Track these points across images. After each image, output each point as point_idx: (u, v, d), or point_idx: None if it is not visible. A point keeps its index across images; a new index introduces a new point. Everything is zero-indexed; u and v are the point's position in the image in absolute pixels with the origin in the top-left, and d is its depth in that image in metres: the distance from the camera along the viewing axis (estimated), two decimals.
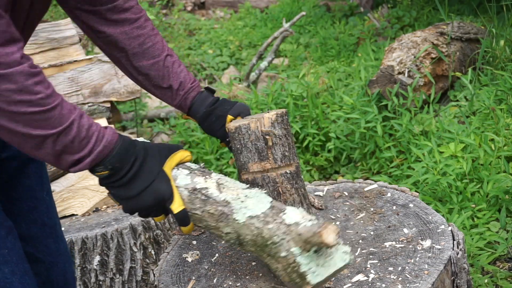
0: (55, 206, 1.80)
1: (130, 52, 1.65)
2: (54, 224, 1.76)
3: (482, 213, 2.61)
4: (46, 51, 3.10)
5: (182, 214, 1.38)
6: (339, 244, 1.33)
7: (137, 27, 1.65)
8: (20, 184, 1.66)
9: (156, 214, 1.39)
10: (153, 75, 1.67)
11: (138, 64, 1.66)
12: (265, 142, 1.52)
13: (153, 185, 1.35)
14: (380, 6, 6.60)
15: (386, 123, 3.45)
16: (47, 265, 1.73)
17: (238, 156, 1.54)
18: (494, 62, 3.66)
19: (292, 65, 5.78)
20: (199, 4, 8.84)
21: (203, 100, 1.70)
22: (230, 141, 1.56)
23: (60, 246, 1.77)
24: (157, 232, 2.49)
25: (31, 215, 1.69)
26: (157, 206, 1.36)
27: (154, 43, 1.67)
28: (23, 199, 1.67)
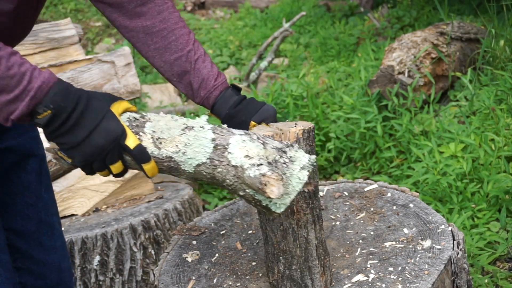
0: (55, 203, 1.79)
1: (152, 47, 1.63)
2: (52, 222, 1.75)
3: (482, 213, 2.60)
4: (46, 51, 3.09)
5: (140, 149, 1.31)
6: (287, 175, 1.28)
7: (160, 21, 1.62)
8: (18, 178, 1.66)
9: (112, 158, 1.30)
10: (176, 70, 1.64)
11: (163, 59, 1.64)
12: None
13: (102, 123, 1.27)
14: (380, 6, 6.60)
15: (386, 123, 3.45)
16: (40, 262, 1.72)
17: None
18: (494, 62, 3.66)
19: (292, 65, 5.78)
20: (199, 4, 8.84)
21: (227, 100, 1.64)
22: None
23: (56, 244, 1.76)
24: (157, 232, 2.49)
25: (27, 211, 1.68)
26: (111, 146, 1.28)
27: (177, 37, 1.63)
28: (20, 194, 1.67)
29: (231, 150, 1.31)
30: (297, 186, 1.29)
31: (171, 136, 1.35)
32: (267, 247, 1.52)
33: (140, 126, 1.35)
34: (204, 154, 1.32)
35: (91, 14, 7.90)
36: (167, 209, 2.54)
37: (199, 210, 2.78)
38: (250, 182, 1.27)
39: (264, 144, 1.32)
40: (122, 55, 3.14)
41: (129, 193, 2.73)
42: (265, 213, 1.37)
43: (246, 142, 1.32)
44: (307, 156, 1.32)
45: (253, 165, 1.28)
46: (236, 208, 1.95)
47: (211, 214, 1.95)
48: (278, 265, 1.50)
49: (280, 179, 1.26)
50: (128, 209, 2.61)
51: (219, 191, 3.62)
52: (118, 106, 1.33)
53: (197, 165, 1.32)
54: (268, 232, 1.49)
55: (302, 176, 1.30)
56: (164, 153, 1.33)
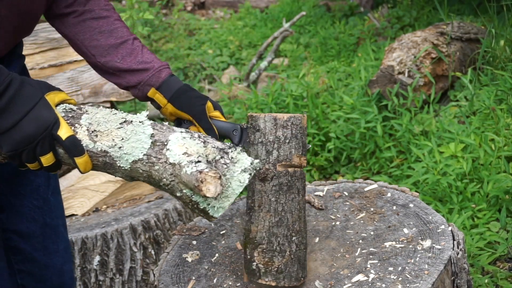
0: (61, 206, 1.78)
1: (97, 30, 1.57)
2: (57, 225, 1.75)
3: (482, 213, 2.60)
4: (46, 51, 3.09)
5: (72, 140, 1.24)
6: (227, 176, 1.24)
7: (106, 10, 1.60)
8: (27, 181, 1.66)
9: (43, 149, 1.23)
10: (121, 52, 1.57)
11: (108, 41, 1.57)
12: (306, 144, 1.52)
13: (34, 110, 1.20)
14: (380, 6, 6.60)
15: (386, 123, 3.45)
16: (42, 264, 1.72)
17: (283, 145, 1.47)
18: (494, 62, 3.66)
19: (292, 65, 5.78)
20: (199, 4, 8.84)
21: (178, 80, 1.60)
22: (250, 129, 1.48)
23: (59, 247, 1.76)
24: (157, 232, 2.49)
25: (33, 213, 1.68)
26: (41, 135, 1.22)
27: (121, 26, 1.60)
28: (28, 197, 1.66)
29: (170, 147, 1.25)
30: (237, 189, 1.25)
31: (108, 129, 1.28)
32: (278, 229, 1.49)
33: (76, 117, 1.29)
34: (141, 150, 1.26)
35: None
36: (167, 209, 2.54)
37: None
38: (187, 180, 1.21)
39: (205, 143, 1.27)
40: None
41: (129, 193, 2.73)
42: (202, 217, 1.32)
43: (186, 139, 1.26)
44: (249, 159, 1.27)
45: (191, 162, 1.22)
46: (236, 208, 1.95)
47: None
48: (291, 246, 1.50)
49: (218, 178, 1.20)
50: (128, 209, 2.61)
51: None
52: (55, 96, 1.28)
53: (133, 161, 1.26)
54: (285, 214, 1.49)
55: (243, 179, 1.25)
56: (99, 147, 1.27)
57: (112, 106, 3.18)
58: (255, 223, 1.50)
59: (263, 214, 1.49)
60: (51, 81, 3.04)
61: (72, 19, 1.57)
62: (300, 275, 1.51)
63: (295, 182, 1.49)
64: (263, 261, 1.50)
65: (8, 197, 1.63)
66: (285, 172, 1.48)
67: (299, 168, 1.50)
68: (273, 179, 1.47)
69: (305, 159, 1.50)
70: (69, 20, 1.57)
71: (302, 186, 1.51)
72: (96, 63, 1.58)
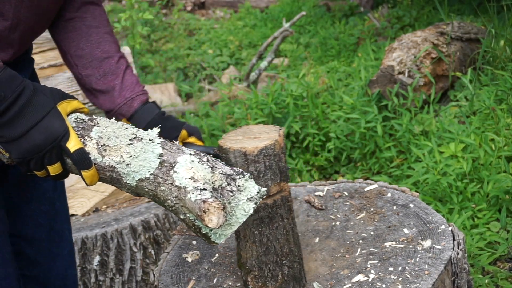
0: (67, 211, 1.77)
1: (84, 39, 1.54)
2: (62, 229, 1.73)
3: (483, 213, 2.60)
4: (46, 51, 3.09)
5: (80, 154, 1.23)
6: (232, 204, 1.22)
7: (99, 21, 1.56)
8: (35, 185, 1.64)
9: (50, 159, 1.23)
10: (104, 68, 1.53)
11: (93, 53, 1.53)
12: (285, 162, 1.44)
13: (44, 121, 1.20)
14: (380, 6, 6.60)
15: (386, 123, 3.45)
16: (46, 268, 1.71)
17: (257, 180, 1.40)
18: (494, 62, 3.66)
19: (292, 65, 5.78)
20: (199, 4, 8.84)
21: (152, 108, 1.56)
22: (229, 161, 1.41)
23: (63, 252, 1.74)
24: (157, 232, 2.49)
25: (39, 218, 1.66)
26: (50, 145, 1.21)
27: (112, 41, 1.56)
28: (35, 201, 1.65)
29: (177, 169, 1.23)
30: (240, 218, 1.23)
31: (118, 145, 1.27)
32: (266, 258, 1.46)
33: (87, 129, 1.29)
34: (148, 169, 1.25)
35: None
36: None
37: None
38: (190, 207, 1.20)
39: (213, 168, 1.25)
40: None
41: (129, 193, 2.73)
42: (203, 240, 1.31)
43: (195, 163, 1.24)
44: (257, 187, 1.25)
45: (197, 188, 1.20)
46: None
47: None
48: (283, 269, 1.48)
49: (222, 208, 1.18)
50: (128, 209, 2.61)
51: None
52: (67, 105, 1.27)
53: (139, 179, 1.26)
54: (272, 243, 1.45)
55: (247, 208, 1.23)
56: (107, 162, 1.26)
57: None
58: (243, 251, 1.48)
59: (249, 244, 1.46)
60: (51, 81, 3.04)
61: (63, 22, 1.53)
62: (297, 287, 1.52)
63: (277, 211, 1.44)
64: (258, 286, 1.49)
65: (16, 202, 1.61)
66: (264, 205, 1.42)
67: (280, 194, 1.44)
68: (252, 214, 1.36)
69: (285, 183, 1.44)
70: (60, 23, 1.54)
71: (286, 209, 1.46)
72: (77, 74, 1.55)
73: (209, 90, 5.57)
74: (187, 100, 5.69)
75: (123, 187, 1.29)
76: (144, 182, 1.26)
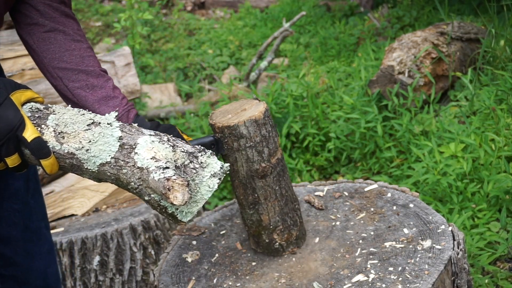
0: (43, 208, 1.74)
1: (76, 53, 1.50)
2: (38, 228, 1.70)
3: (483, 213, 2.60)
4: None
5: (38, 142, 1.21)
6: (196, 181, 1.23)
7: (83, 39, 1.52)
8: (6, 184, 1.62)
9: (8, 151, 1.21)
10: (91, 82, 1.49)
11: (85, 63, 1.50)
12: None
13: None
14: (380, 6, 6.60)
15: (386, 123, 3.44)
16: (24, 268, 1.68)
17: (269, 140, 1.55)
18: (494, 62, 3.66)
19: (292, 65, 5.78)
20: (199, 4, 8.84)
21: (143, 121, 1.53)
22: (228, 138, 1.50)
23: (42, 250, 1.71)
24: (157, 232, 2.48)
25: (13, 217, 1.64)
26: (6, 136, 1.19)
27: (90, 55, 1.51)
28: (7, 200, 1.62)
29: (138, 150, 1.24)
30: (206, 195, 1.24)
31: (75, 131, 1.26)
32: (287, 208, 1.62)
33: (43, 118, 1.27)
34: (109, 153, 1.24)
35: (91, 14, 7.89)
36: None
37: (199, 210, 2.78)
38: (154, 186, 1.20)
39: (174, 147, 1.26)
40: (122, 55, 3.13)
41: (129, 193, 2.73)
42: (171, 220, 1.32)
43: (155, 143, 1.25)
44: (219, 163, 1.27)
45: (159, 168, 1.20)
46: (236, 208, 1.95)
47: (211, 214, 1.94)
48: (298, 213, 1.67)
49: (186, 185, 1.19)
50: (128, 209, 2.61)
51: (219, 191, 3.61)
52: (21, 95, 1.24)
53: (101, 164, 1.25)
54: (286, 192, 1.63)
55: (212, 184, 1.25)
56: (66, 149, 1.25)
57: None
58: (264, 214, 1.60)
59: (271, 203, 1.59)
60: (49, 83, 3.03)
61: (42, 33, 1.48)
62: (303, 233, 1.70)
63: (283, 162, 1.62)
64: (284, 238, 1.63)
65: None
66: (278, 160, 1.59)
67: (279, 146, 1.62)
68: (272, 171, 1.57)
69: (277, 135, 1.61)
70: (38, 33, 1.49)
71: (282, 155, 1.63)
72: (61, 86, 1.49)
73: (209, 90, 5.56)
74: (187, 100, 5.69)
75: (85, 174, 1.28)
76: (106, 166, 1.25)
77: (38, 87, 2.99)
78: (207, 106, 4.10)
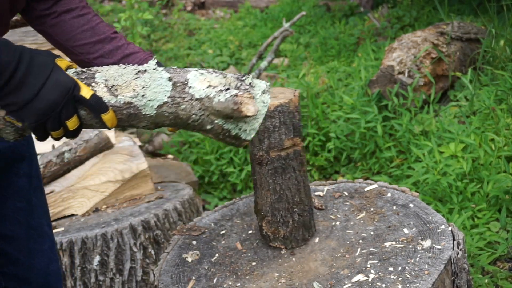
0: (45, 205, 1.75)
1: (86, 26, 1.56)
2: (40, 225, 1.71)
3: (482, 213, 2.60)
4: None
5: (96, 98, 1.24)
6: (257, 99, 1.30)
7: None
8: (10, 183, 1.63)
9: (67, 113, 1.23)
10: (108, 47, 1.55)
11: (91, 40, 1.54)
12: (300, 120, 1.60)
13: (52, 77, 1.20)
14: (380, 6, 6.60)
15: (386, 123, 3.45)
16: (26, 266, 1.69)
17: (272, 134, 1.57)
18: (494, 62, 3.66)
19: (292, 65, 5.78)
20: (199, 4, 8.84)
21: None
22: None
23: (43, 247, 1.72)
24: (157, 232, 2.49)
25: (17, 215, 1.65)
26: (65, 99, 1.21)
27: (98, 23, 1.57)
28: (11, 199, 1.63)
29: (191, 84, 1.28)
30: (262, 110, 1.31)
31: (126, 82, 1.29)
32: (279, 205, 1.62)
33: (90, 77, 1.29)
34: (164, 94, 1.27)
35: None
36: (167, 209, 2.54)
37: (199, 210, 2.78)
38: (221, 108, 1.25)
39: (223, 74, 1.31)
40: None
41: (129, 193, 2.73)
42: (233, 144, 1.36)
43: (205, 74, 1.30)
44: (263, 82, 1.33)
45: (221, 91, 1.27)
46: (236, 208, 1.95)
47: (211, 214, 1.95)
48: (293, 216, 1.65)
49: (252, 97, 1.26)
50: (128, 209, 2.61)
51: (219, 191, 3.61)
52: (61, 62, 1.27)
53: (158, 106, 1.28)
54: (284, 191, 1.61)
55: (265, 99, 1.31)
56: (122, 100, 1.27)
57: None
58: (259, 198, 1.64)
59: (264, 192, 1.62)
60: None
61: (51, 20, 1.53)
62: (306, 235, 1.69)
63: (290, 163, 1.60)
64: (271, 230, 1.65)
65: None
66: (278, 156, 1.58)
67: (293, 148, 1.60)
68: (268, 164, 1.59)
69: (298, 139, 1.59)
70: (48, 21, 1.54)
71: (299, 162, 1.61)
72: (84, 60, 1.56)
73: None
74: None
75: (142, 121, 1.31)
76: (164, 107, 1.28)
77: None
78: None
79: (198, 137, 3.91)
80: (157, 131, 4.47)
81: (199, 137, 3.90)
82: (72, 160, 2.68)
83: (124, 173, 2.69)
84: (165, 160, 3.63)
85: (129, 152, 2.75)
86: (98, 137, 2.72)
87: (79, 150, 2.68)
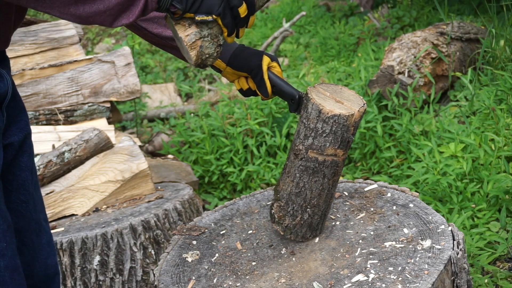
0: (41, 199, 1.78)
1: None
2: (39, 219, 1.75)
3: (482, 213, 2.61)
4: (46, 51, 3.10)
5: None
6: None
7: None
8: (14, 176, 1.65)
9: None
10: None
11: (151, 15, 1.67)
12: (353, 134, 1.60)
13: None
14: (380, 6, 6.60)
15: (386, 123, 3.45)
16: (29, 259, 1.72)
17: (319, 137, 1.57)
18: (494, 62, 3.66)
19: (292, 65, 5.78)
20: None
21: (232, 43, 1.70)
22: (305, 117, 1.58)
23: (42, 241, 1.75)
24: (157, 232, 2.49)
25: (20, 208, 1.68)
26: None
27: None
28: (15, 192, 1.66)
29: None
30: None
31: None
32: (295, 198, 1.64)
33: None
34: None
35: None
36: (167, 209, 2.54)
37: (199, 210, 2.78)
38: None
39: None
40: (122, 55, 3.14)
41: (129, 193, 2.74)
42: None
43: None
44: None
45: None
46: (236, 208, 1.95)
47: (211, 214, 1.95)
48: (303, 215, 1.66)
49: None
50: (128, 209, 2.61)
51: (219, 191, 3.61)
52: None
53: None
54: (305, 190, 1.62)
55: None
56: None
57: (112, 106, 3.18)
58: (282, 182, 1.67)
59: (288, 180, 1.64)
60: (51, 81, 3.04)
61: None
62: (308, 235, 1.70)
63: (322, 169, 1.60)
64: (278, 214, 1.67)
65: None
66: (314, 158, 1.59)
67: (333, 157, 1.59)
68: (302, 160, 1.60)
69: (341, 151, 1.59)
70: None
71: (332, 172, 1.61)
72: (148, 35, 1.68)
73: (209, 90, 5.57)
74: (187, 100, 5.69)
75: None
76: None
77: (38, 87, 3.00)
78: (207, 106, 4.10)
79: (198, 137, 3.91)
80: (157, 131, 4.47)
81: (199, 137, 3.91)
82: (72, 160, 2.68)
83: (124, 173, 2.69)
84: (165, 160, 3.63)
85: (129, 152, 2.75)
86: (98, 137, 2.72)
87: (79, 150, 2.68)
